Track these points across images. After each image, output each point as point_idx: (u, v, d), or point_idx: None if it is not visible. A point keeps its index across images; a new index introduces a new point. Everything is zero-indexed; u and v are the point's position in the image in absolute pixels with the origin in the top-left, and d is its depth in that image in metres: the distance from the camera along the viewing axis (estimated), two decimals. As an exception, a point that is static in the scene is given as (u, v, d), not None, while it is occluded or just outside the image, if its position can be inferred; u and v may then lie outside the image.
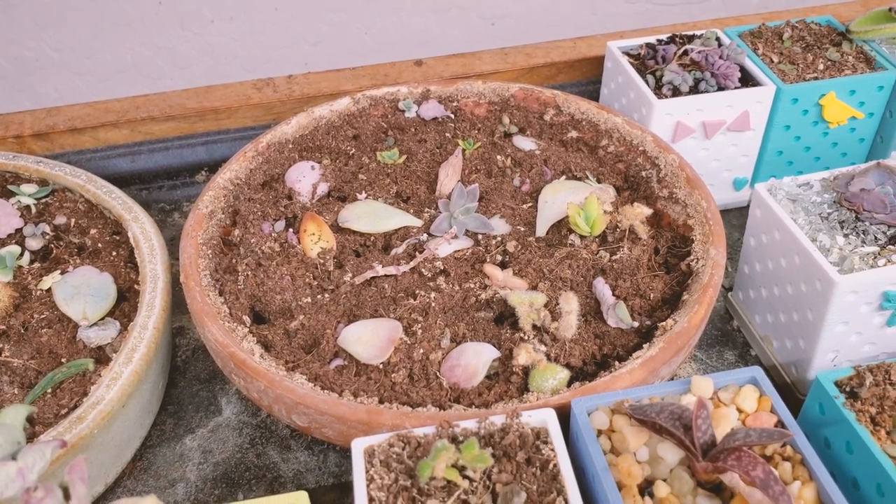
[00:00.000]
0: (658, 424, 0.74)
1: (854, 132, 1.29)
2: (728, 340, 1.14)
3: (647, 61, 1.27)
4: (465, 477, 0.73)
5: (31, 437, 0.87)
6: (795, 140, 1.28)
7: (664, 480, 0.73)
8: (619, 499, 0.71)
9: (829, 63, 1.27)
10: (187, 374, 1.12)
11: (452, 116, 1.27)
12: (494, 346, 0.93)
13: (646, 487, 0.74)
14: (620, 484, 0.73)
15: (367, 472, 0.75)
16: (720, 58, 1.23)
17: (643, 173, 1.17)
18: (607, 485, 0.72)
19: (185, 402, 1.09)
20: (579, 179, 1.17)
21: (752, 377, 0.81)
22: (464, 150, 1.21)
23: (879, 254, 0.94)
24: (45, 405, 0.92)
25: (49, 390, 0.94)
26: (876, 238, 0.96)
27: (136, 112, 1.37)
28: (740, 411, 0.78)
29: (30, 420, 0.91)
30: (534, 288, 1.00)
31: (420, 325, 0.96)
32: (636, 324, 0.97)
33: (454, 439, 0.77)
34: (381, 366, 0.92)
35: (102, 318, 1.02)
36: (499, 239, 1.09)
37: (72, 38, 1.40)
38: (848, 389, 0.80)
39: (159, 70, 1.46)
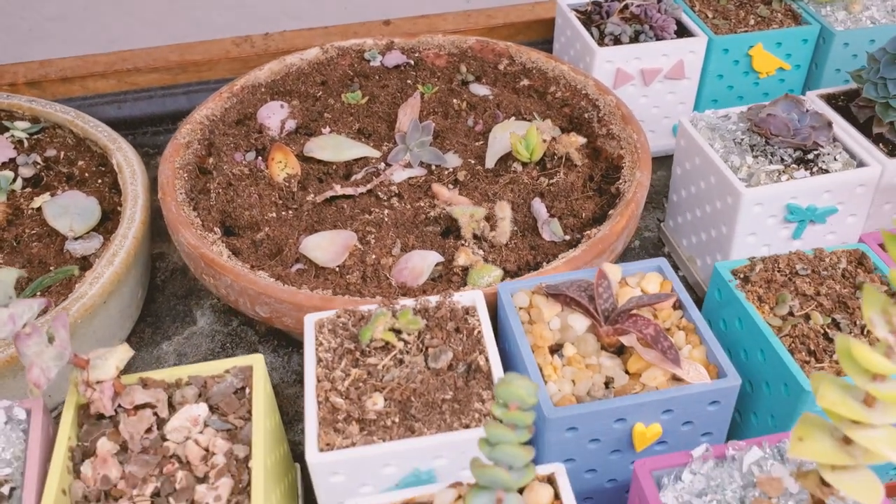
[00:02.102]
0: (568, 297, 0.85)
1: (783, 83, 1.40)
2: (659, 263, 1.25)
3: (592, 16, 1.39)
4: (400, 340, 0.84)
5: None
6: (729, 89, 1.40)
7: (572, 344, 0.84)
8: (531, 356, 0.81)
9: (759, 19, 1.39)
10: (165, 292, 1.23)
11: (413, 63, 1.38)
12: (439, 253, 1.04)
13: (556, 350, 0.84)
14: (534, 346, 0.84)
15: (317, 338, 0.85)
16: (658, 12, 1.35)
17: (585, 115, 1.28)
18: (523, 346, 0.82)
19: (162, 314, 1.19)
20: (528, 121, 1.28)
21: (658, 266, 0.92)
22: (422, 94, 1.32)
23: (783, 171, 1.05)
24: (34, 303, 1.02)
25: (38, 293, 1.04)
26: (782, 159, 1.07)
27: (122, 64, 1.48)
28: (644, 293, 0.89)
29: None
30: (477, 205, 1.11)
31: (373, 236, 1.07)
32: (568, 237, 1.08)
33: (394, 313, 0.87)
34: (337, 269, 1.03)
35: (87, 233, 1.12)
36: (451, 170, 1.19)
37: (65, 8, 1.50)
38: (742, 276, 0.91)
39: (147, 40, 1.56)
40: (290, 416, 1.05)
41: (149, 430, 0.79)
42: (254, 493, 0.72)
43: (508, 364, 0.86)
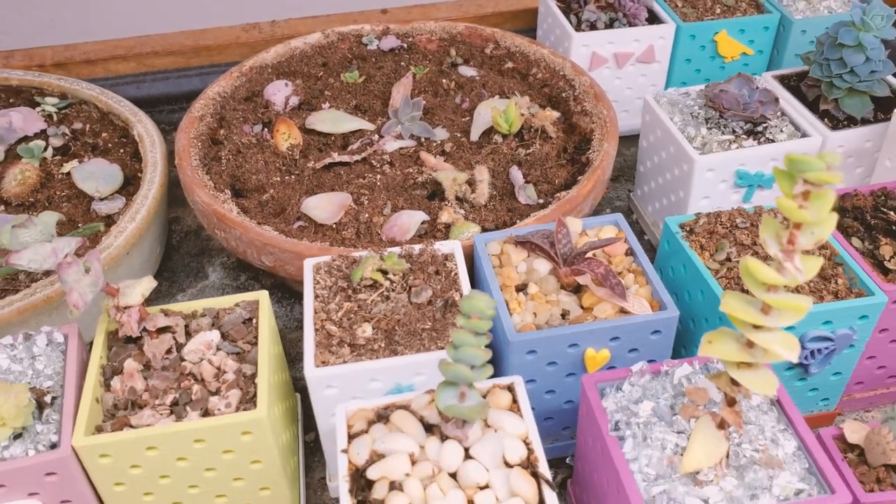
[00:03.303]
0: (533, 243, 0.97)
1: (747, 67, 1.53)
2: (628, 228, 1.37)
3: (571, 4, 1.51)
4: (387, 279, 0.97)
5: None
6: (696, 73, 1.52)
7: (535, 283, 0.97)
8: (500, 293, 0.94)
9: (724, 7, 1.51)
10: (180, 251, 1.36)
11: (406, 47, 1.51)
12: (425, 213, 1.17)
13: (522, 289, 0.97)
14: (503, 286, 0.96)
15: (315, 278, 0.98)
16: (631, 0, 1.47)
17: (563, 94, 1.40)
18: (493, 285, 0.95)
19: (178, 270, 1.32)
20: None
21: (615, 220, 1.04)
22: (414, 75, 1.45)
23: (734, 141, 1.17)
24: (65, 255, 1.15)
25: (68, 246, 1.17)
26: (734, 130, 1.19)
27: (141, 48, 1.61)
28: (598, 238, 1.02)
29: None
30: (461, 171, 1.23)
31: (367, 198, 1.19)
32: (541, 201, 1.20)
33: (382, 257, 1.00)
34: (333, 225, 1.16)
35: (111, 195, 1.25)
36: (438, 142, 1.32)
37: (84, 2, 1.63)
38: (688, 229, 1.03)
39: (161, 29, 1.69)
40: (293, 356, 1.18)
41: (169, 352, 0.92)
42: (259, 401, 0.85)
43: (480, 300, 0.99)
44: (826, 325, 0.94)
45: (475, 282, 1.02)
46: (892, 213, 1.07)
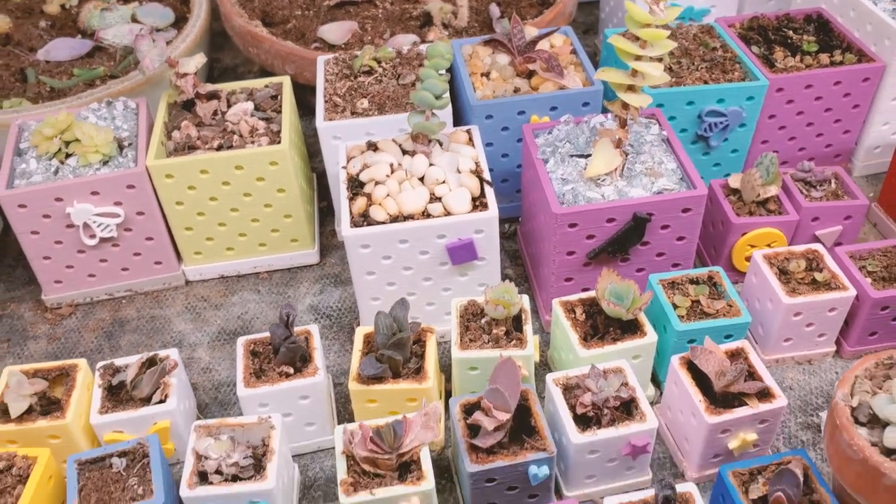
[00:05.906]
0: (496, 41, 1.25)
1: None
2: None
3: None
4: (380, 66, 1.25)
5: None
6: (659, -58, 1.76)
7: (496, 71, 1.24)
8: (468, 77, 1.22)
9: None
10: (221, 81, 1.65)
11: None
12: (417, 37, 1.44)
13: (486, 75, 1.25)
14: (471, 73, 1.24)
15: (325, 68, 1.27)
16: None
17: (540, -45, 1.66)
18: (463, 71, 1.23)
19: (218, 94, 1.61)
20: (496, -40, 1.67)
21: (565, 30, 1.31)
22: (416, -60, 1.71)
23: (670, -20, 1.43)
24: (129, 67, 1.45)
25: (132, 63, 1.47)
26: (672, -28, 1.45)
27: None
28: (552, 45, 1.29)
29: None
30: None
31: (370, 25, 1.47)
32: (514, 31, 1.47)
33: (376, 50, 1.28)
34: (342, 46, 1.44)
35: (166, 28, 1.54)
36: (433, -9, 1.59)
37: None
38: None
39: None
40: (311, 153, 1.47)
41: (215, 114, 1.21)
42: (283, 141, 1.14)
43: (454, 81, 1.27)
44: (720, 102, 1.21)
45: (451, 72, 1.30)
46: (790, 31, 1.32)
